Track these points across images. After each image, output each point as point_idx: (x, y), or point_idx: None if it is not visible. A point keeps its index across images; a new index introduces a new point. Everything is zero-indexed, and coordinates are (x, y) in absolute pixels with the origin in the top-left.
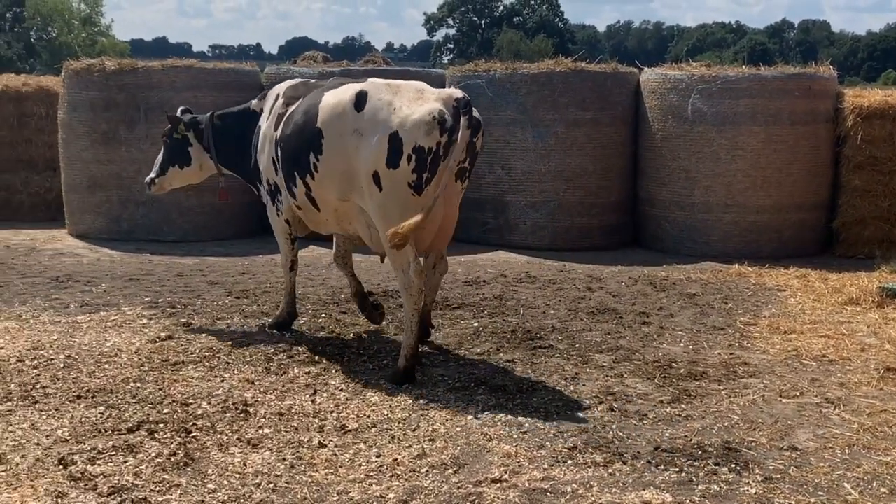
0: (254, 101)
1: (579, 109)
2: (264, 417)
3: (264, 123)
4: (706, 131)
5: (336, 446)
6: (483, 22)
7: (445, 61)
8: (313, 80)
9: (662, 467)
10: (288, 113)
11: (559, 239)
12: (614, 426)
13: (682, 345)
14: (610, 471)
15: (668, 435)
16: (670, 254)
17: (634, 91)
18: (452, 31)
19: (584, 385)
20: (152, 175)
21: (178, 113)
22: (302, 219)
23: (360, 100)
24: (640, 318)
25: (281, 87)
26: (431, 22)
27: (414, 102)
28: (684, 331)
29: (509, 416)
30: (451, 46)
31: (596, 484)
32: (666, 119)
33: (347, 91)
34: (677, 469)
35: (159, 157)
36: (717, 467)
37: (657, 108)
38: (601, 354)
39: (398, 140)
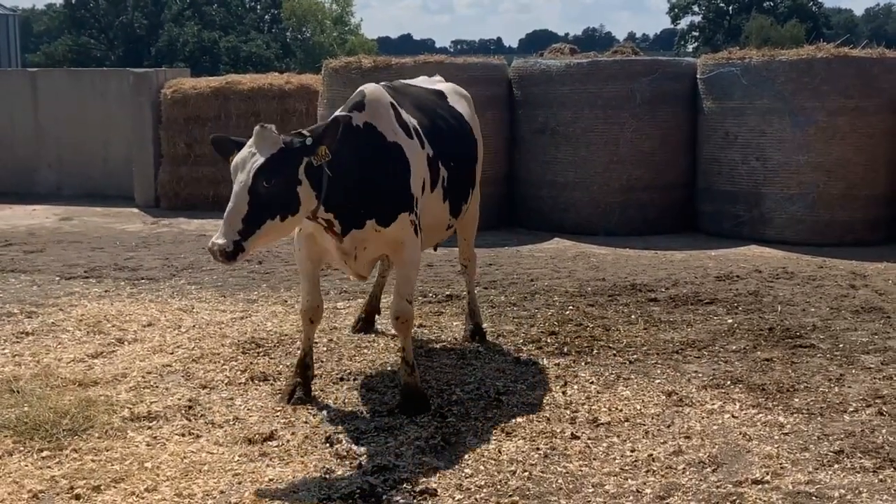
0: (355, 114)
1: (842, 97)
2: (516, 406)
3: (402, 141)
4: None
5: (589, 439)
6: (731, 8)
7: (690, 49)
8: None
9: None
10: (421, 123)
11: (818, 233)
12: (884, 431)
13: None
14: (880, 477)
15: None
16: None
17: None
18: (697, 19)
19: (849, 387)
20: (235, 236)
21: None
22: None
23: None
24: None
25: (382, 93)
26: (676, 9)
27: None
28: None
29: (769, 417)
30: (696, 34)
31: (865, 490)
32: None
33: (458, 91)
34: None
35: (239, 206)
36: None
37: None
38: (868, 355)
39: None
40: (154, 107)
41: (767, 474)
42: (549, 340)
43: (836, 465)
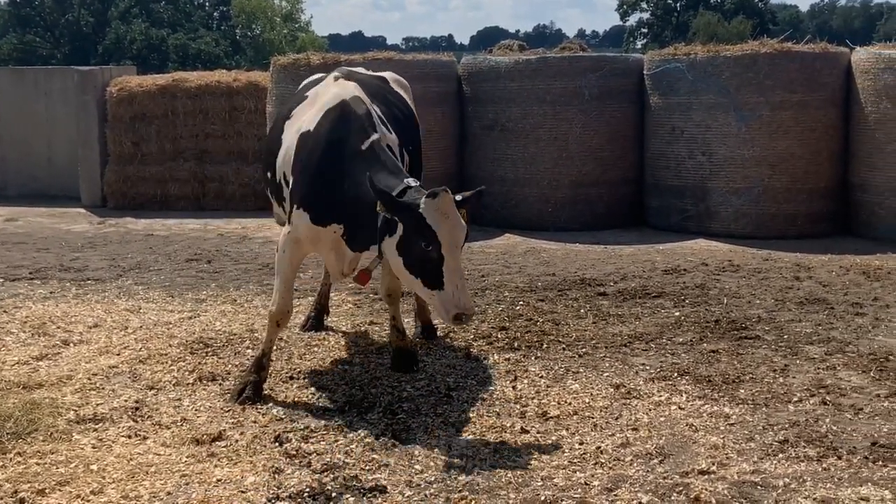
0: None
1: (786, 91)
2: (466, 402)
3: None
4: None
5: (538, 432)
6: (678, 5)
7: (639, 46)
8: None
9: (881, 463)
10: (380, 109)
11: (763, 226)
12: (827, 420)
13: None
14: (824, 465)
15: (885, 430)
16: (884, 242)
17: (845, 72)
18: (646, 15)
19: (794, 377)
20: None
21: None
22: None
23: None
24: (853, 308)
25: (358, 98)
26: (625, 6)
27: None
28: None
29: (715, 408)
30: (645, 31)
31: (809, 478)
32: (880, 100)
33: (397, 78)
34: None
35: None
36: None
37: (870, 88)
38: (812, 346)
39: None
40: (100, 105)
41: (713, 465)
42: (499, 336)
43: (780, 455)
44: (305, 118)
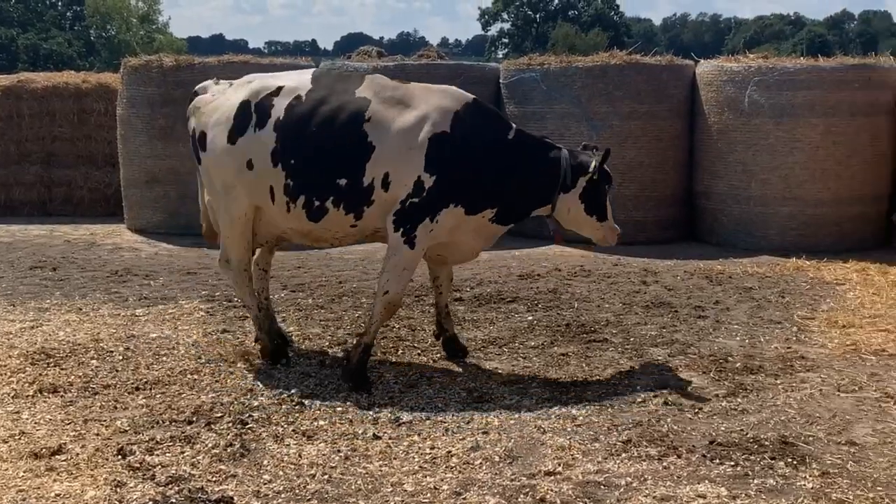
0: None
1: (634, 102)
2: (319, 410)
3: None
4: (763, 124)
5: (390, 438)
6: (538, 16)
7: (500, 56)
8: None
9: (718, 461)
10: None
11: None
12: (669, 420)
13: (738, 339)
14: (664, 464)
15: (723, 429)
16: (727, 247)
17: (690, 83)
18: (507, 26)
19: (638, 379)
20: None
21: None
22: None
23: None
24: (696, 311)
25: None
26: (486, 16)
27: None
28: (740, 325)
29: (563, 409)
30: (506, 41)
31: (650, 477)
32: (722, 111)
33: None
34: (733, 463)
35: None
36: (773, 461)
37: (713, 100)
38: (656, 348)
39: None
40: None
41: (559, 465)
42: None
43: (623, 454)
44: (418, 119)
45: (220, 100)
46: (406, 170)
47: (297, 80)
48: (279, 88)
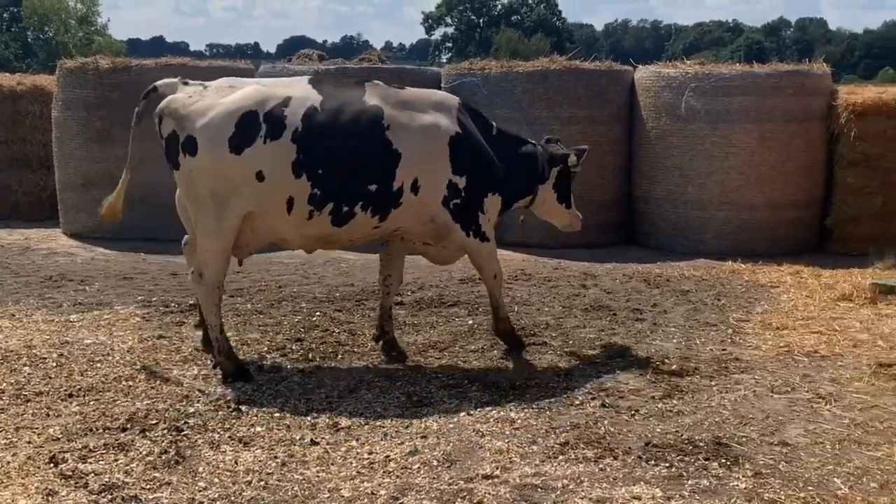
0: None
1: (574, 107)
2: (257, 416)
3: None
4: (700, 129)
5: (328, 444)
6: (481, 21)
7: (444, 60)
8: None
9: (653, 462)
10: None
11: (554, 237)
12: (606, 422)
13: (674, 341)
14: (601, 466)
15: (659, 430)
16: (664, 251)
17: (629, 89)
18: (451, 30)
19: (576, 381)
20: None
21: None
22: None
23: None
24: (634, 314)
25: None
26: (430, 21)
27: None
28: (677, 327)
29: (502, 413)
30: (450, 45)
31: (586, 479)
32: (660, 117)
33: None
34: (667, 464)
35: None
36: (707, 462)
37: (651, 105)
38: (594, 351)
39: None
40: None
41: (497, 469)
42: (294, 347)
43: (561, 457)
44: (432, 124)
45: (205, 103)
46: (434, 174)
47: (303, 90)
48: (288, 98)
